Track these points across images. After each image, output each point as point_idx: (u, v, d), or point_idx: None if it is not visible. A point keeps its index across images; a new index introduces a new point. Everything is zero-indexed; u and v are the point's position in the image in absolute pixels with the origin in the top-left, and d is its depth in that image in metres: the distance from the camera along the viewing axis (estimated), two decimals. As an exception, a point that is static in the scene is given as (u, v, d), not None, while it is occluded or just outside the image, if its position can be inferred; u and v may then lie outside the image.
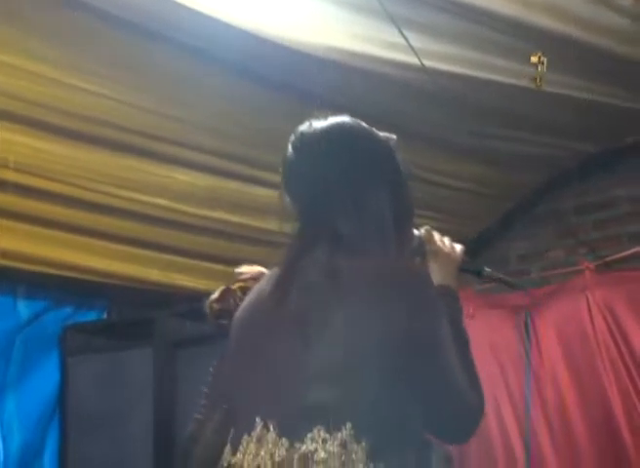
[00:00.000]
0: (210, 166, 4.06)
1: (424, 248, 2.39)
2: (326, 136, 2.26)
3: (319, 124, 2.28)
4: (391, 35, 3.45)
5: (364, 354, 2.08)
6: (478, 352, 4.59)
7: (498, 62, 3.77)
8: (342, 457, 2.06)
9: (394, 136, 2.34)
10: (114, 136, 3.83)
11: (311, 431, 2.06)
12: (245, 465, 2.06)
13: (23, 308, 4.70)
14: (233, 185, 3.96)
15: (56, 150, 3.85)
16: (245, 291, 2.37)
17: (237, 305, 2.30)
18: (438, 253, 2.36)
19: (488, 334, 4.60)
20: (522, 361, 4.56)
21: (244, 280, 2.44)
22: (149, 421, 4.41)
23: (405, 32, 3.42)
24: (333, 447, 2.07)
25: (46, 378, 4.73)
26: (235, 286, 2.43)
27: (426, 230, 2.37)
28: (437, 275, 2.33)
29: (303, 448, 2.06)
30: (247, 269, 2.46)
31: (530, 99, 3.92)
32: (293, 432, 2.06)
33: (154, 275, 4.64)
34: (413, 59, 3.55)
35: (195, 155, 4.04)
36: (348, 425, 2.06)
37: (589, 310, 4.41)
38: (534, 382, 4.58)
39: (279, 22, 3.37)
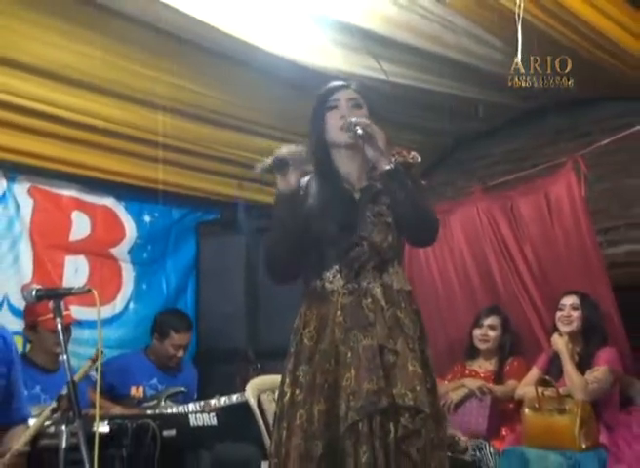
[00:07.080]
0: (277, 136, 4.20)
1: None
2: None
3: None
4: (370, 62, 3.63)
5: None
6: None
7: (424, 77, 3.95)
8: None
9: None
10: (219, 119, 4.15)
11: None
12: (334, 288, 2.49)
13: (175, 213, 4.91)
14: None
15: (194, 128, 4.15)
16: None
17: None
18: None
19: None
20: (445, 244, 4.70)
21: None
22: (242, 277, 4.64)
23: (380, 61, 3.62)
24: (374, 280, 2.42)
25: (188, 250, 4.93)
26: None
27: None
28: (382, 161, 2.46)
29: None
30: (287, 153, 2.37)
31: (441, 98, 4.05)
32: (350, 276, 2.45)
33: (246, 194, 4.71)
34: (382, 76, 3.74)
35: (266, 129, 4.26)
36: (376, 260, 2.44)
37: (479, 214, 4.70)
38: (450, 254, 4.75)
39: (308, 55, 3.52)
